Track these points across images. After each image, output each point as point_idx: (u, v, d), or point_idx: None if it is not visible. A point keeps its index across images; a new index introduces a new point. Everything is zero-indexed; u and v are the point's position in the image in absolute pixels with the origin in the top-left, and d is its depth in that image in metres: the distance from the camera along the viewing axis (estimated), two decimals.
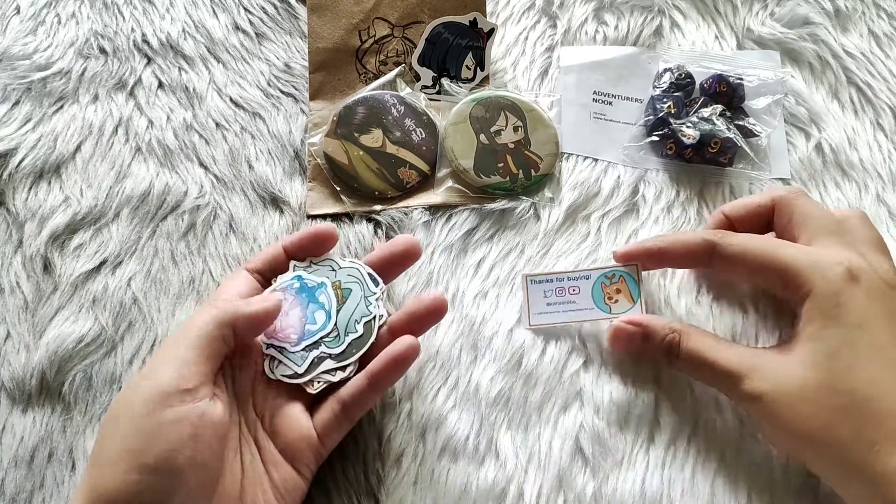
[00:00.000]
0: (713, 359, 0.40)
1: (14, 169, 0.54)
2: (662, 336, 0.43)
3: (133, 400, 0.35)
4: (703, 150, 0.54)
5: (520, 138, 0.55)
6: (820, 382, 0.36)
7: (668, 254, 0.45)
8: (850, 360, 0.36)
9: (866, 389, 0.35)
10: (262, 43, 0.60)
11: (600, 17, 0.60)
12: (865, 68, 0.58)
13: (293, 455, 0.40)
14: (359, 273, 0.45)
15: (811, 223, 0.42)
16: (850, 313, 0.37)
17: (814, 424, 0.36)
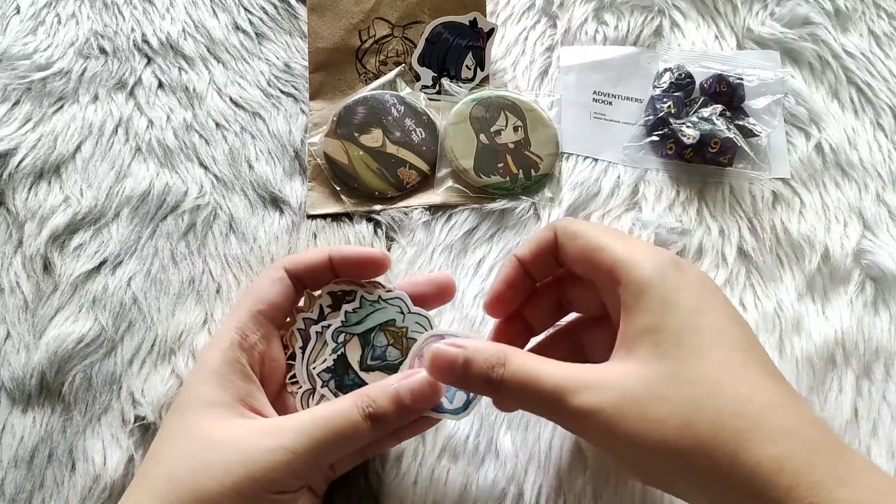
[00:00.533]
0: (538, 378, 0.32)
1: (14, 169, 0.54)
2: (484, 359, 0.33)
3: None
4: (703, 149, 0.54)
5: (520, 138, 0.55)
6: (667, 375, 0.30)
7: (524, 261, 0.38)
8: (696, 345, 0.31)
9: (718, 375, 0.30)
10: (262, 43, 0.60)
11: (600, 17, 0.60)
12: (865, 68, 0.58)
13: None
14: (428, 324, 0.40)
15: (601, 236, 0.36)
16: (686, 298, 0.32)
17: (668, 428, 0.29)
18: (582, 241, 0.35)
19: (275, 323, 0.39)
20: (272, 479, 0.32)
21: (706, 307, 0.32)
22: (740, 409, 0.29)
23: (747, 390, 0.30)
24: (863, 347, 0.49)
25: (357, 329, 0.38)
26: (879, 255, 0.52)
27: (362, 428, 0.34)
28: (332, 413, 0.34)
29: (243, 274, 0.52)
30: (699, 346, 0.31)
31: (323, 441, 0.33)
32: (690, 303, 0.32)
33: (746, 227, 0.53)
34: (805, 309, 0.51)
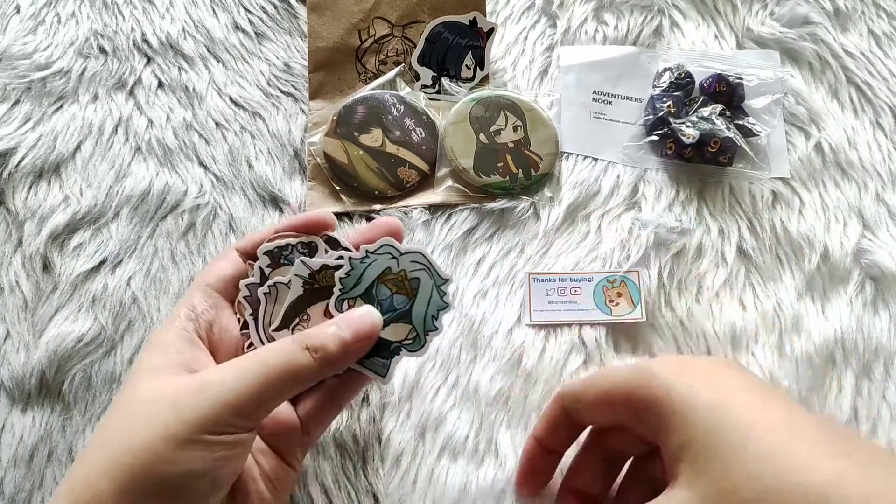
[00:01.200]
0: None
1: (14, 168, 0.54)
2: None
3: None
4: (702, 149, 0.54)
5: (519, 138, 0.55)
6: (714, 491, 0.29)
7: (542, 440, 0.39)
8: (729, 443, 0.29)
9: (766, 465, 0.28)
10: (262, 42, 0.60)
11: (600, 17, 0.60)
12: (865, 68, 0.58)
13: (279, 445, 0.38)
14: (424, 259, 0.39)
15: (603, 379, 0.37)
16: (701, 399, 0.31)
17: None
18: (589, 395, 0.36)
19: (224, 294, 0.38)
20: (206, 419, 0.31)
21: (724, 397, 0.31)
22: (804, 492, 0.27)
23: (799, 475, 0.28)
24: (862, 347, 0.49)
25: (357, 291, 0.37)
26: (879, 255, 0.52)
27: (303, 361, 0.33)
28: (271, 351, 0.33)
29: None
30: (732, 447, 0.29)
31: (263, 376, 0.32)
32: (707, 398, 0.31)
33: (746, 226, 0.53)
34: (805, 308, 0.51)
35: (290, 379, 0.33)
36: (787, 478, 0.27)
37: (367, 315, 0.36)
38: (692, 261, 0.52)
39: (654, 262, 0.51)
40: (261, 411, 0.33)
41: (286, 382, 0.33)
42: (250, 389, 0.31)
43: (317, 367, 0.33)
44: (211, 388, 0.32)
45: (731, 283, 0.51)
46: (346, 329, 0.34)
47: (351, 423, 0.47)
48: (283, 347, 0.33)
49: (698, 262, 0.52)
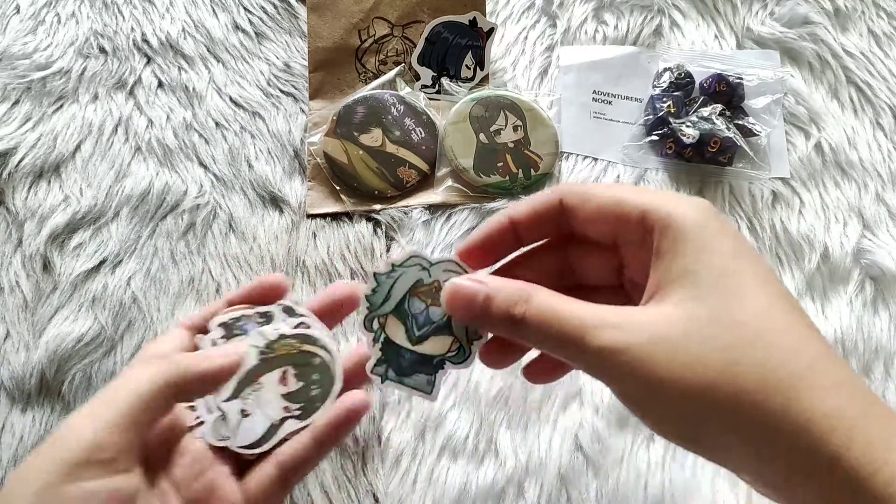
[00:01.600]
0: (562, 315, 0.30)
1: (14, 168, 0.54)
2: (505, 296, 0.31)
3: (35, 468, 0.28)
4: (702, 149, 0.54)
5: (519, 137, 0.55)
6: (706, 317, 0.28)
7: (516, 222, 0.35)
8: (737, 288, 0.29)
9: (762, 321, 0.28)
10: (262, 42, 0.60)
11: (600, 17, 0.60)
12: (865, 68, 0.58)
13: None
14: (456, 266, 0.36)
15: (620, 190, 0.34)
16: (725, 244, 0.30)
17: (708, 371, 0.27)
18: (598, 200, 0.33)
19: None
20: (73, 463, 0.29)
21: (746, 255, 0.30)
22: (788, 358, 0.27)
23: (793, 340, 0.28)
24: (862, 347, 0.49)
25: (387, 308, 0.35)
26: (879, 255, 0.52)
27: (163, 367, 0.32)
28: (134, 380, 0.31)
29: (243, 273, 0.52)
30: (741, 289, 0.29)
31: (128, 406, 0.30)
32: (730, 248, 0.30)
33: (746, 226, 0.53)
34: (805, 308, 0.51)
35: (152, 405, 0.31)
36: (781, 341, 0.28)
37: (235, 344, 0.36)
38: None
39: None
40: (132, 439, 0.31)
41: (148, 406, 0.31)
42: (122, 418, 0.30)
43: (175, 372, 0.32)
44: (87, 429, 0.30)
45: None
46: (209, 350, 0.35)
47: None
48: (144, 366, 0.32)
49: None
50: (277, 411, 0.37)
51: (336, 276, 0.52)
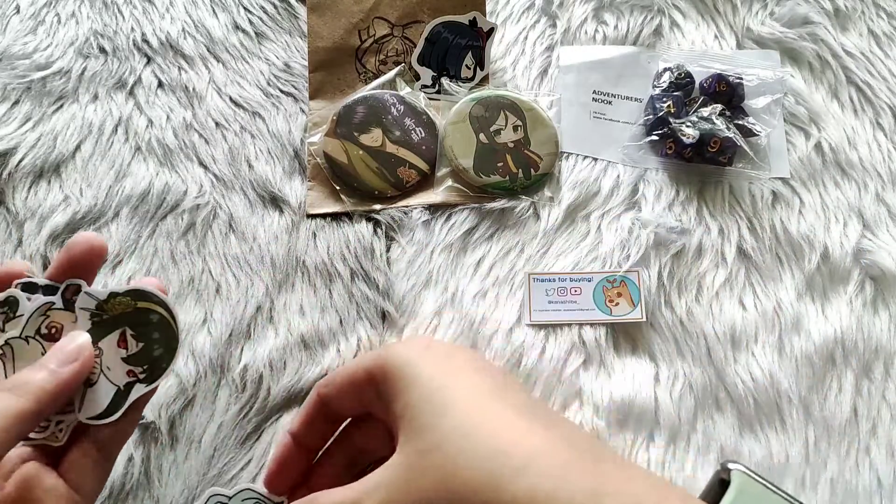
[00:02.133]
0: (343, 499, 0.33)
1: (14, 168, 0.54)
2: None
3: None
4: (702, 149, 0.54)
5: (519, 137, 0.55)
6: (418, 449, 0.31)
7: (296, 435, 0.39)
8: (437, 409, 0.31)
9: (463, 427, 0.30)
10: (262, 42, 0.60)
11: (600, 17, 0.60)
12: (865, 68, 0.58)
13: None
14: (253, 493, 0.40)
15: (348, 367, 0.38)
16: (429, 371, 0.33)
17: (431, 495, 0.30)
18: (337, 381, 0.37)
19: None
20: None
21: (450, 368, 0.33)
22: (488, 451, 0.29)
23: (491, 429, 0.30)
24: (862, 347, 0.49)
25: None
26: (879, 255, 0.52)
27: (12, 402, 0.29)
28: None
29: (243, 273, 0.52)
30: (441, 408, 0.31)
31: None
32: (433, 371, 0.33)
33: (746, 226, 0.53)
34: (805, 308, 0.51)
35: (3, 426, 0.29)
36: (481, 435, 0.30)
37: (73, 337, 0.33)
38: (692, 261, 0.52)
39: (654, 262, 0.51)
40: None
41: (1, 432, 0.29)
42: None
43: (27, 404, 0.29)
44: None
45: (731, 283, 0.51)
46: (51, 358, 0.32)
47: None
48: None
49: (698, 262, 0.52)
50: (121, 376, 0.34)
51: (336, 276, 0.52)
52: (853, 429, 0.47)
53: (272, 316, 0.51)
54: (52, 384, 0.31)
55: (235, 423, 0.47)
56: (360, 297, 0.51)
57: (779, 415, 0.48)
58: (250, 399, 0.48)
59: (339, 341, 0.50)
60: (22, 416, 0.29)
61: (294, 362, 0.49)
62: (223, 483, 0.46)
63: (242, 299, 0.51)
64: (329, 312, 0.51)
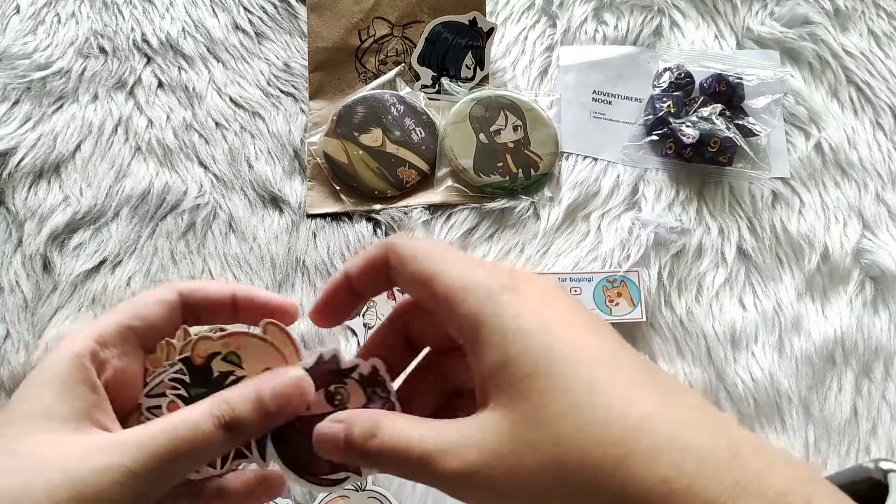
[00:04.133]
0: (407, 445, 0.28)
1: (14, 168, 0.54)
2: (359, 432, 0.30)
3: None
4: (702, 149, 0.54)
5: (519, 137, 0.55)
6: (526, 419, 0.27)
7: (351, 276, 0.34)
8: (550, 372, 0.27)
9: (582, 399, 0.27)
10: (262, 42, 0.60)
11: (600, 17, 0.60)
12: (865, 68, 0.58)
13: None
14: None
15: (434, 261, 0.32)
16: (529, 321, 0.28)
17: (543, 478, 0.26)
18: (414, 267, 0.31)
19: (143, 343, 0.33)
20: (105, 502, 0.27)
21: (555, 323, 0.28)
22: (614, 433, 0.26)
23: (619, 408, 0.26)
24: (862, 347, 0.49)
25: None
26: (879, 255, 0.52)
27: (216, 438, 0.29)
28: (180, 422, 0.29)
29: (243, 273, 0.52)
30: (554, 370, 0.27)
31: (167, 456, 0.28)
32: (535, 323, 0.28)
33: (746, 226, 0.53)
34: (805, 308, 0.51)
35: (199, 456, 0.29)
36: (606, 412, 0.26)
37: (291, 379, 0.31)
38: (692, 261, 0.52)
39: (654, 262, 0.51)
40: (163, 489, 0.29)
41: (195, 457, 0.29)
42: (154, 469, 0.28)
43: (218, 433, 0.29)
44: (114, 468, 0.28)
45: (731, 283, 0.51)
46: (264, 387, 0.30)
47: None
48: (194, 419, 0.29)
49: (698, 262, 0.52)
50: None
51: None
52: (853, 429, 0.47)
53: None
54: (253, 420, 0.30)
55: None
56: None
57: (779, 415, 0.48)
58: None
59: (339, 341, 0.50)
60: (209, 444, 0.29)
61: None
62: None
63: None
64: None
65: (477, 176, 0.54)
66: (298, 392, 0.31)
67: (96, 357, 0.31)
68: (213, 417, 0.29)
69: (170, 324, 0.33)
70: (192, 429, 0.29)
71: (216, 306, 0.34)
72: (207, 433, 0.29)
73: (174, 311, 0.33)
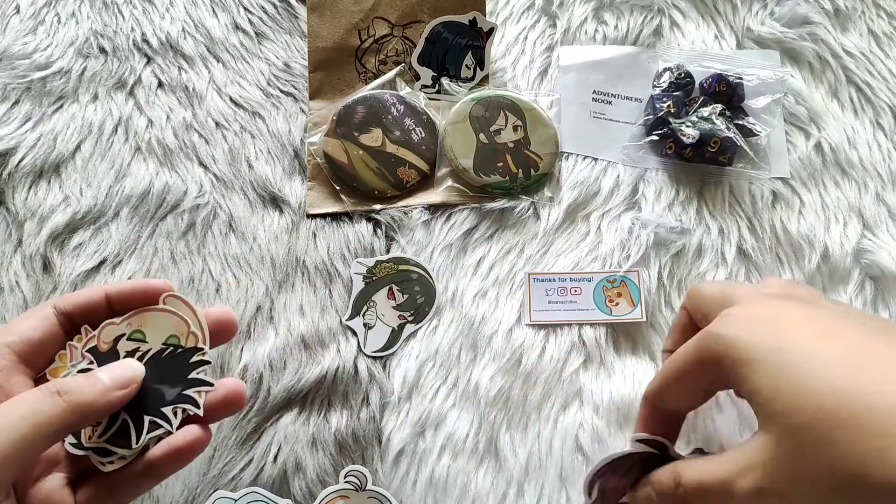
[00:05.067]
0: (706, 480, 0.34)
1: (14, 168, 0.54)
2: (667, 485, 0.36)
3: None
4: (702, 149, 0.54)
5: (519, 137, 0.55)
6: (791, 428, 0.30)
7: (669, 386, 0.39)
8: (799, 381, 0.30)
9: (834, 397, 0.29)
10: (262, 42, 0.60)
11: (600, 17, 0.60)
12: (865, 68, 0.58)
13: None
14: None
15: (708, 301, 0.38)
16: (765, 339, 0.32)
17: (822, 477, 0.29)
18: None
19: (26, 360, 0.34)
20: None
21: (783, 339, 0.32)
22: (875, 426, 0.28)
23: (871, 386, 0.29)
24: None
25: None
26: (879, 255, 0.52)
27: (51, 407, 0.30)
28: (19, 399, 0.30)
29: (243, 273, 0.52)
30: (792, 387, 0.30)
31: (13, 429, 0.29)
32: (767, 347, 0.32)
33: (746, 226, 0.53)
34: None
35: (37, 429, 0.29)
36: (856, 399, 0.29)
37: (130, 365, 0.33)
38: (692, 261, 0.52)
39: (654, 262, 0.51)
40: (13, 469, 0.29)
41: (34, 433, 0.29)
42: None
43: (68, 412, 0.30)
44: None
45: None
46: (106, 376, 0.32)
47: (351, 422, 0.47)
48: (30, 395, 0.30)
49: (698, 262, 0.52)
50: (394, 320, 0.48)
51: (336, 276, 0.52)
52: None
53: (272, 316, 0.51)
54: (98, 403, 0.31)
55: (235, 424, 0.47)
56: None
57: None
58: (250, 399, 0.48)
59: (339, 341, 0.50)
60: (57, 422, 0.30)
61: (294, 362, 0.49)
62: (224, 484, 0.46)
63: (242, 299, 0.51)
64: (329, 312, 0.51)
65: (477, 176, 0.54)
66: (130, 371, 0.33)
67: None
68: (56, 395, 0.30)
69: (50, 336, 0.34)
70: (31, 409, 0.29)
71: (91, 308, 0.35)
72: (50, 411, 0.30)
73: (51, 325, 0.34)
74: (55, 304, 0.35)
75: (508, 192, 0.54)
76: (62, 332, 0.35)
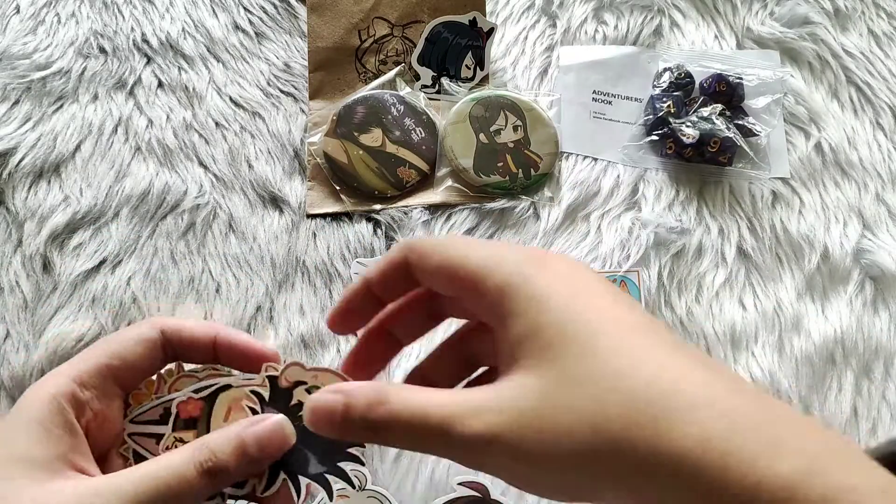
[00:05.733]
0: (423, 411, 0.27)
1: (14, 168, 0.54)
2: (363, 402, 0.28)
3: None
4: (702, 149, 0.54)
5: (519, 137, 0.55)
6: (560, 379, 0.26)
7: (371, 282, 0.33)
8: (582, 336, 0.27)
9: (616, 362, 0.26)
10: (262, 42, 0.60)
11: (600, 17, 0.60)
12: (865, 68, 0.58)
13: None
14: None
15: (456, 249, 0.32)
16: (558, 289, 0.28)
17: (578, 436, 0.25)
18: (437, 258, 0.31)
19: (122, 383, 0.33)
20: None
21: (584, 293, 0.28)
22: (648, 393, 0.25)
23: (650, 370, 0.26)
24: (862, 347, 0.49)
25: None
26: (879, 255, 0.52)
27: (198, 485, 0.29)
28: (162, 470, 0.29)
29: (243, 273, 0.52)
30: (585, 335, 0.27)
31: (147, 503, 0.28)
32: (565, 292, 0.28)
33: (746, 226, 0.53)
34: (805, 308, 0.51)
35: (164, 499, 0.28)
36: (641, 374, 0.26)
37: (273, 424, 0.31)
38: (692, 261, 0.52)
39: (654, 262, 0.51)
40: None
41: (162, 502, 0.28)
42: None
43: (199, 480, 0.29)
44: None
45: (731, 283, 0.51)
46: (246, 432, 0.30)
47: None
48: (176, 467, 0.29)
49: (698, 262, 0.52)
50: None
51: (336, 276, 0.52)
52: (853, 429, 0.47)
53: (272, 316, 0.51)
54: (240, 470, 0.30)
55: None
56: None
57: None
58: None
59: (339, 341, 0.50)
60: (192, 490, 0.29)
61: None
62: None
63: (242, 299, 0.51)
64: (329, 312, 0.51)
65: (477, 176, 0.54)
66: (279, 436, 0.31)
67: (75, 398, 0.31)
68: (195, 463, 0.29)
69: (150, 362, 0.33)
70: (173, 478, 0.29)
71: (197, 346, 0.34)
72: (189, 481, 0.29)
73: (154, 351, 0.33)
74: (164, 328, 0.33)
75: (508, 192, 0.54)
76: (162, 359, 0.34)
